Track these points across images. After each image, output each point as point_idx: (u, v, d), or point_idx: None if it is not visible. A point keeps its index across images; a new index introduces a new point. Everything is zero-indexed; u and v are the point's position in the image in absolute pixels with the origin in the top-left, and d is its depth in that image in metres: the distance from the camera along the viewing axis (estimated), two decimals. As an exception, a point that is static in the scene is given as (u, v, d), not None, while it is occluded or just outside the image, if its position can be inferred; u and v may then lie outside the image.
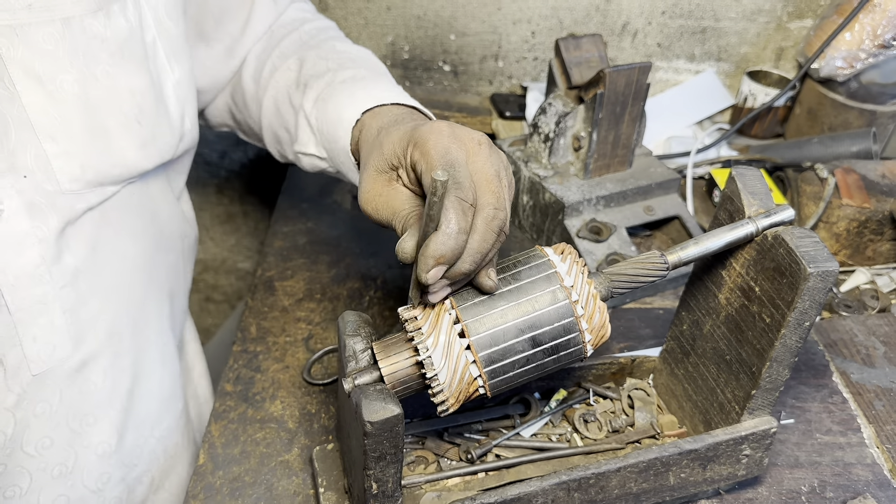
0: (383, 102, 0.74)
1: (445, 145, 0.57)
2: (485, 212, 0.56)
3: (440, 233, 0.53)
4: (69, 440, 0.74)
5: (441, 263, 0.54)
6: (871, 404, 0.88)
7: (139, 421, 0.83)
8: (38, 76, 0.62)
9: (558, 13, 1.40)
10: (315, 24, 0.96)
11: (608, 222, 1.06)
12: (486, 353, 0.59)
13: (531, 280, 0.61)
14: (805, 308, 0.61)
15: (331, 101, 0.78)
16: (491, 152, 0.59)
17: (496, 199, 0.56)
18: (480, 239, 0.55)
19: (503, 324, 0.60)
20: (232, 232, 1.76)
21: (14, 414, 0.68)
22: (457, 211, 0.54)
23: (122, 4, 0.68)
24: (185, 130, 0.79)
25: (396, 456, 0.58)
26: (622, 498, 0.70)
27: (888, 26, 1.22)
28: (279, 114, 0.88)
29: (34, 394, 0.69)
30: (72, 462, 0.75)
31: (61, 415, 0.72)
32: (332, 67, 0.84)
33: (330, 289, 1.03)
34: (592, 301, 0.62)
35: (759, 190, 0.67)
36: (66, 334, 0.70)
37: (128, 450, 0.82)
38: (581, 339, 0.61)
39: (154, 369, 0.85)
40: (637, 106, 1.05)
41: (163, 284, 0.85)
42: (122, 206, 0.73)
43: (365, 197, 0.62)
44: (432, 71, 1.49)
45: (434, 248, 0.53)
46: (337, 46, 0.89)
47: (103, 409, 0.77)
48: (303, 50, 0.90)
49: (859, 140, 1.22)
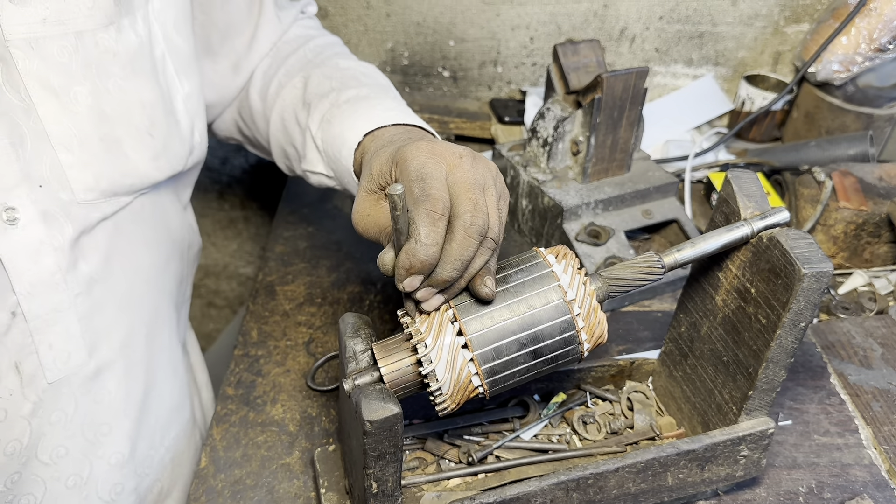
0: (383, 125, 0.76)
1: (422, 161, 0.59)
2: (462, 219, 0.57)
3: (408, 244, 0.56)
4: (84, 450, 0.75)
5: (414, 273, 0.57)
6: (868, 405, 0.89)
7: (151, 430, 0.83)
8: (52, 88, 0.63)
9: (556, 19, 1.41)
10: (319, 41, 0.97)
11: (607, 226, 1.06)
12: (483, 352, 0.60)
13: (527, 280, 0.62)
14: (800, 309, 0.62)
15: (334, 122, 0.80)
16: (474, 164, 0.61)
17: (473, 206, 0.57)
18: (458, 245, 0.57)
19: (499, 322, 0.61)
20: (233, 237, 1.77)
21: (30, 422, 0.69)
22: (425, 222, 0.56)
23: (132, 19, 0.69)
24: (194, 143, 0.80)
25: (396, 455, 0.59)
26: (620, 498, 0.71)
27: (884, 30, 1.23)
28: (286, 132, 0.90)
29: (50, 402, 0.70)
30: (86, 473, 0.75)
31: (76, 424, 0.73)
32: (336, 87, 0.85)
33: (330, 293, 1.04)
34: (588, 300, 0.62)
35: (754, 192, 0.68)
36: (81, 342, 0.71)
37: (140, 459, 0.82)
38: (577, 339, 0.62)
39: (165, 377, 0.85)
40: (635, 110, 1.06)
41: (172, 293, 0.86)
42: (134, 217, 0.75)
43: (356, 217, 0.65)
44: (432, 77, 1.50)
45: (403, 259, 0.56)
46: (340, 64, 0.91)
47: (117, 418, 0.77)
48: (308, 68, 0.91)
49: (856, 143, 1.22)
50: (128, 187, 0.72)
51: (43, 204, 0.65)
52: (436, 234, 0.56)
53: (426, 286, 0.59)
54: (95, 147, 0.67)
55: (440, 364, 0.59)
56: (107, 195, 0.70)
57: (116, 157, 0.70)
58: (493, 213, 0.59)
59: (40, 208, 0.64)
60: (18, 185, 0.63)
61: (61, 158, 0.65)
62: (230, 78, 0.94)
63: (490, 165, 0.62)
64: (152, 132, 0.73)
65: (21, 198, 0.63)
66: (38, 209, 0.64)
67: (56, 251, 0.66)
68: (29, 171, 0.63)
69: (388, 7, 1.41)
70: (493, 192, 0.60)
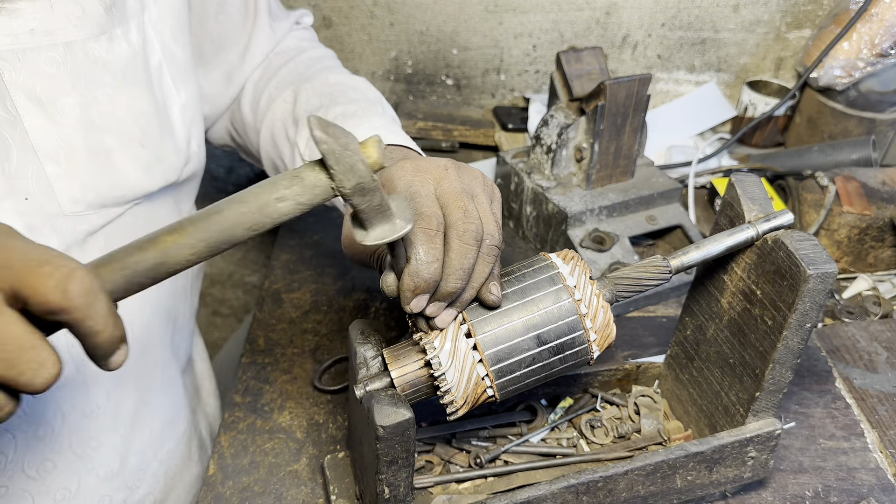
0: None
1: (408, 180, 0.59)
2: (455, 228, 0.57)
3: (409, 266, 0.55)
4: (72, 464, 0.74)
5: (419, 293, 0.56)
6: (874, 409, 0.89)
7: (143, 444, 0.82)
8: (39, 100, 0.62)
9: (559, 27, 1.42)
10: (311, 54, 0.97)
11: (611, 232, 1.07)
12: (493, 352, 0.61)
13: (535, 281, 0.63)
14: (806, 309, 0.62)
15: None
16: (459, 174, 0.61)
17: (463, 213, 0.57)
18: (457, 255, 0.57)
19: (508, 323, 0.61)
20: (238, 246, 1.77)
21: (15, 436, 0.68)
22: (422, 241, 0.55)
23: (125, 28, 0.68)
24: (191, 153, 0.79)
25: (408, 460, 0.59)
26: (630, 501, 0.71)
27: (885, 35, 1.24)
28: (276, 145, 0.89)
29: (36, 416, 0.69)
30: (75, 486, 0.74)
31: (64, 438, 0.72)
32: (325, 104, 0.85)
33: (336, 300, 1.04)
34: (596, 300, 0.63)
35: (758, 195, 0.68)
36: (68, 356, 0.69)
37: (131, 472, 0.81)
38: (585, 338, 0.62)
39: (158, 392, 0.84)
40: (638, 117, 1.06)
41: (167, 308, 0.84)
42: (126, 230, 0.73)
43: (345, 242, 0.65)
44: (435, 85, 1.51)
45: (407, 281, 0.56)
46: (330, 79, 0.90)
47: (107, 433, 0.76)
48: (298, 81, 0.91)
49: (859, 148, 1.23)
50: (117, 198, 0.70)
51: (28, 217, 0.63)
52: (435, 251, 0.56)
53: (434, 302, 0.58)
54: (83, 158, 0.66)
55: (450, 366, 0.60)
56: (94, 207, 0.68)
57: (105, 168, 0.68)
58: (487, 217, 0.59)
59: (26, 221, 0.63)
60: (3, 199, 0.61)
61: (47, 170, 0.63)
62: (223, 88, 0.94)
63: (476, 172, 0.62)
64: (144, 142, 0.71)
65: (7, 211, 0.62)
66: (23, 223, 0.63)
67: None
68: (14, 185, 0.62)
69: (391, 16, 1.42)
70: (484, 198, 0.60)
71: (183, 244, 0.46)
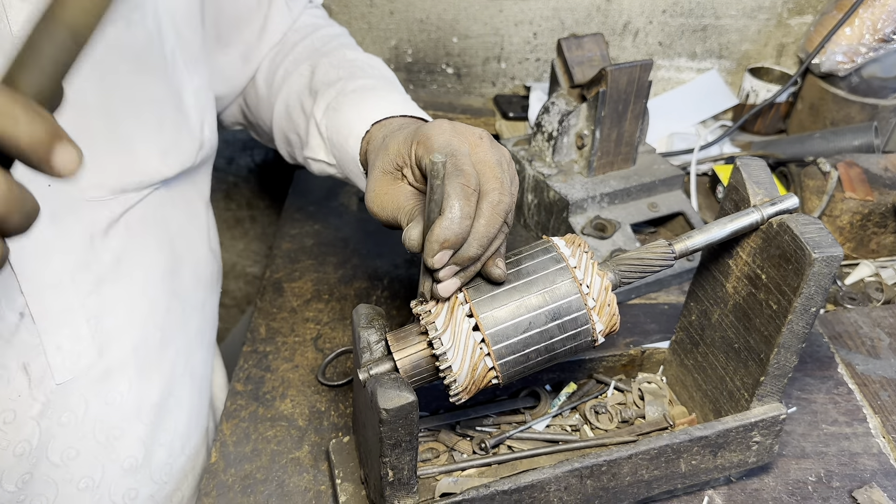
0: (391, 115, 0.76)
1: (447, 139, 0.59)
2: (490, 196, 0.57)
3: (444, 217, 0.55)
4: (96, 452, 0.74)
5: (446, 248, 0.56)
6: (876, 395, 0.89)
7: (170, 437, 0.83)
8: None
9: (560, 14, 1.41)
10: (327, 31, 0.97)
11: (612, 219, 1.06)
12: (494, 331, 0.60)
13: (537, 262, 0.63)
14: (811, 293, 0.62)
15: (341, 111, 0.80)
16: (492, 145, 0.62)
17: (500, 184, 0.58)
18: (486, 223, 0.57)
19: (509, 302, 0.61)
20: (240, 237, 1.77)
21: (39, 423, 0.68)
22: (459, 196, 0.55)
23: (141, 13, 0.68)
24: (204, 138, 0.79)
25: (412, 443, 0.59)
26: (634, 485, 0.71)
27: (888, 20, 1.23)
28: (290, 118, 0.89)
29: (59, 403, 0.69)
30: (99, 475, 0.75)
31: (87, 426, 0.72)
32: (343, 76, 0.85)
33: (337, 289, 1.04)
34: (599, 280, 0.63)
35: (763, 179, 0.68)
36: (91, 343, 0.70)
37: (157, 466, 0.81)
38: (588, 317, 0.62)
39: (183, 383, 0.84)
40: (639, 103, 1.06)
41: (189, 296, 0.84)
42: (145, 217, 0.74)
43: (371, 196, 0.65)
44: (436, 73, 1.50)
45: (439, 232, 0.55)
46: (348, 55, 0.90)
47: (130, 421, 0.77)
48: (315, 56, 0.91)
49: (861, 134, 1.23)
50: (136, 184, 0.71)
51: (51, 204, 0.64)
52: (469, 209, 0.56)
53: (451, 264, 0.58)
54: (103, 144, 0.67)
55: (452, 346, 0.59)
56: (115, 192, 0.69)
57: (125, 153, 0.69)
58: (512, 193, 0.60)
59: (49, 208, 0.64)
60: (26, 185, 0.62)
61: None
62: (240, 68, 0.94)
63: (504, 150, 0.63)
64: (161, 127, 0.72)
65: None
66: (46, 209, 0.63)
67: (65, 251, 0.66)
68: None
69: (391, 4, 1.41)
70: (508, 175, 0.61)
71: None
